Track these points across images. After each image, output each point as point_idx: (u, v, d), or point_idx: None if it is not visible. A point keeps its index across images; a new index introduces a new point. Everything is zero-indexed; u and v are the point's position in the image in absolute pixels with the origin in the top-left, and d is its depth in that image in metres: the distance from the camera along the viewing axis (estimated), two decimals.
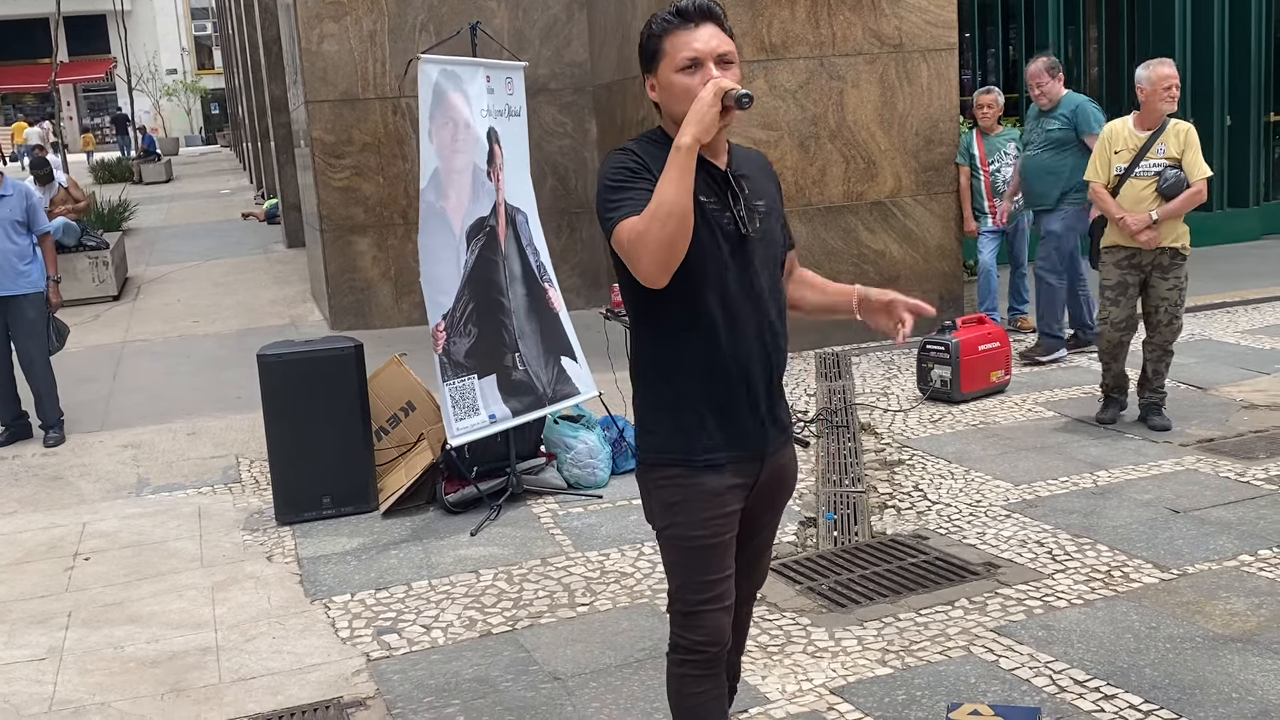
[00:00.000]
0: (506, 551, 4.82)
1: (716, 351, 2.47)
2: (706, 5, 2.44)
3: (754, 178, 2.56)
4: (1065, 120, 7.39)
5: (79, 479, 6.21)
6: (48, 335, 6.97)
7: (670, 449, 2.53)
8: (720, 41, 2.42)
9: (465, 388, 5.10)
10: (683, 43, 2.41)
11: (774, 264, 2.57)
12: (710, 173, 2.47)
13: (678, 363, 2.50)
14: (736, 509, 2.55)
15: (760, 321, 2.50)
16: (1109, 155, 5.88)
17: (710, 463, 2.50)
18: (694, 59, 2.40)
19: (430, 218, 5.03)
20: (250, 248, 15.82)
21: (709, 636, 2.55)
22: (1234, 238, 11.55)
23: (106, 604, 4.52)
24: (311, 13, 9.36)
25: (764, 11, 7.80)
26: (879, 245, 8.18)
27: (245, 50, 21.08)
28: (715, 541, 2.52)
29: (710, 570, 2.54)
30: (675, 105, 2.43)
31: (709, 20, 2.43)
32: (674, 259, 2.31)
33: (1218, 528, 4.61)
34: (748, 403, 2.51)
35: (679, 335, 2.49)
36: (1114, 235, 5.85)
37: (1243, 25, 11.48)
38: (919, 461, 5.68)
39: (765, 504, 2.66)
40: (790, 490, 2.73)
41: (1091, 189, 5.96)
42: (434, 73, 4.99)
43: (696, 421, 2.50)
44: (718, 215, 2.46)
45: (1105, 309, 5.95)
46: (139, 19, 50.08)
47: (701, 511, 2.50)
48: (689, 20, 2.43)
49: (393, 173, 9.64)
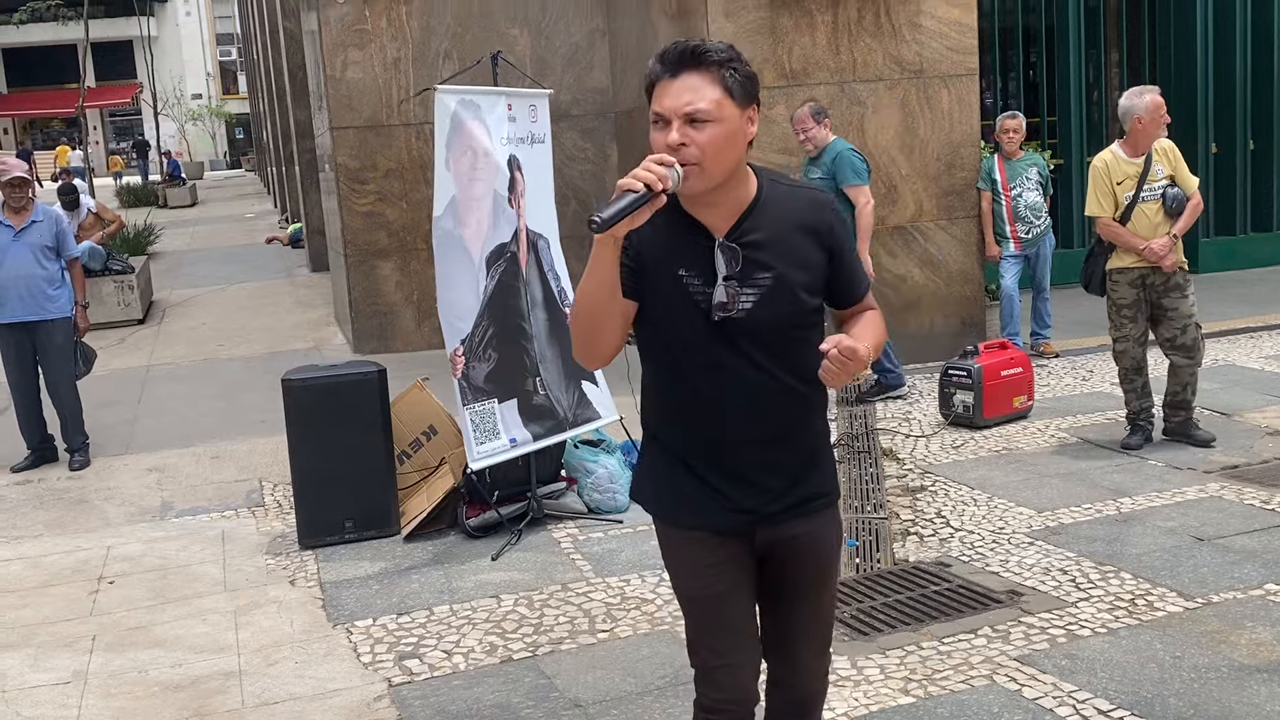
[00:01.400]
0: (527, 577, 4.82)
1: (693, 420, 2.35)
2: (692, 49, 2.19)
3: (773, 242, 2.28)
4: (826, 170, 7.00)
5: (104, 502, 6.25)
6: (75, 360, 7.04)
7: (657, 500, 2.47)
8: (694, 96, 2.16)
9: (486, 412, 5.13)
10: (657, 95, 2.21)
11: (776, 338, 2.29)
12: (697, 240, 2.27)
13: (661, 420, 2.43)
14: (732, 557, 2.38)
15: (749, 399, 2.30)
16: (1111, 187, 5.90)
17: (688, 522, 2.40)
18: (659, 115, 2.20)
19: (446, 244, 5.07)
20: (274, 272, 15.94)
21: (727, 695, 2.42)
22: (1258, 262, 11.49)
23: (130, 628, 4.55)
24: (336, 40, 9.46)
25: (784, 38, 7.83)
26: (901, 270, 8.17)
27: (270, 76, 21.30)
28: (709, 593, 2.40)
29: (712, 623, 2.41)
30: None
31: (691, 68, 2.18)
32: (595, 352, 2.27)
33: (1243, 556, 4.57)
34: (708, 486, 2.36)
35: (663, 393, 2.41)
36: (1126, 257, 5.91)
37: (1265, 47, 11.44)
38: (941, 488, 5.66)
39: (782, 577, 2.46)
40: (818, 568, 2.46)
41: (1101, 223, 5.95)
42: (451, 102, 5.04)
43: (676, 480, 2.40)
44: (698, 290, 2.26)
45: (1123, 327, 5.98)
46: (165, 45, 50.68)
47: (688, 562, 2.41)
48: (667, 68, 2.21)
49: (416, 198, 9.70)
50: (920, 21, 8.06)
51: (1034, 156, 8.51)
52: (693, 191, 2.20)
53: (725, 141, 2.18)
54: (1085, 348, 8.50)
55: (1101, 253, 6.04)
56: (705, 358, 2.30)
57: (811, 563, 2.46)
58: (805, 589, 2.47)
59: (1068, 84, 11.10)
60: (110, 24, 46.03)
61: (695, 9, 7.88)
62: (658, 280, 2.28)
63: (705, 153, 2.17)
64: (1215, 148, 11.37)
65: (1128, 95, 5.96)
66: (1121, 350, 6.04)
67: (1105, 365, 7.97)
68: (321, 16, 9.43)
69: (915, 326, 8.18)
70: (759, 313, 2.27)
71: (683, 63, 2.19)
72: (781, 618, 2.50)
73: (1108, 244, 5.98)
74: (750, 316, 2.27)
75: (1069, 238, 11.18)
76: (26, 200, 6.86)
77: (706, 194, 2.23)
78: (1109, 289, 6.02)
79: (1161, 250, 5.78)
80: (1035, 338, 8.36)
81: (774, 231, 2.28)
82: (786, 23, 7.82)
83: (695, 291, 2.27)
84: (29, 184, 6.91)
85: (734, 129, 2.20)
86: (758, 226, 2.28)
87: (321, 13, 9.42)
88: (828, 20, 7.90)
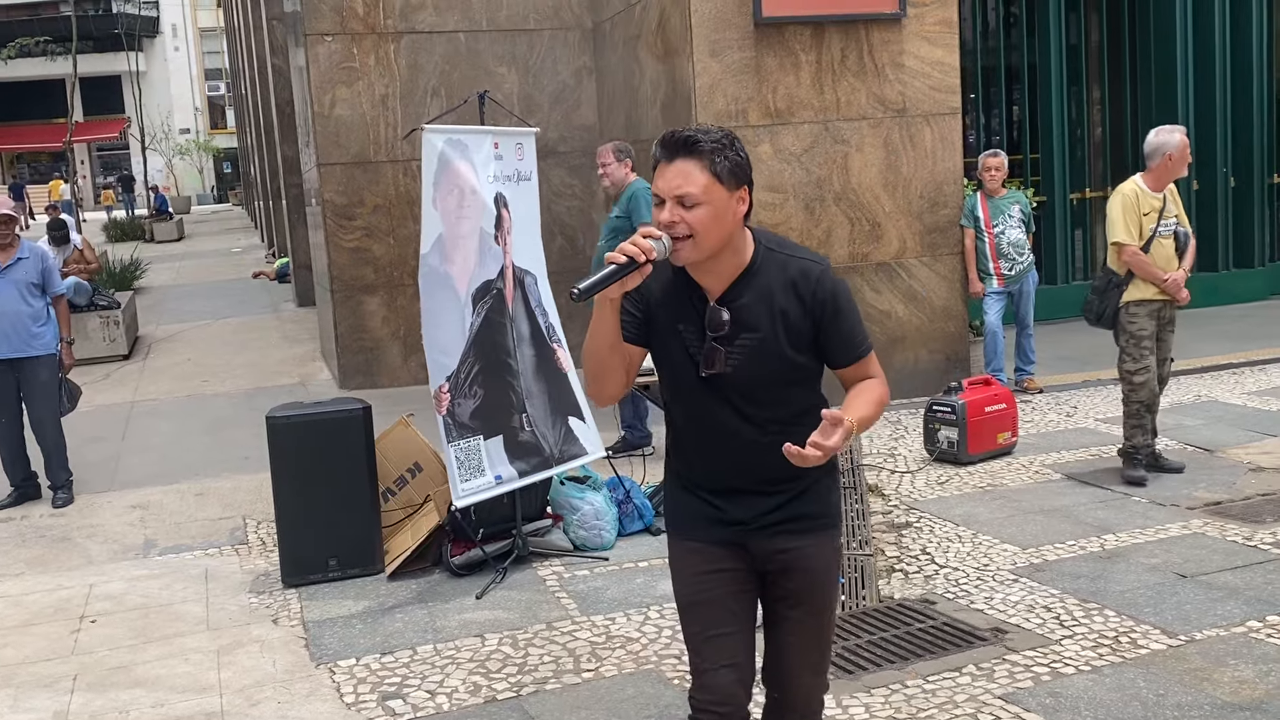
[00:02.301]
0: (512, 615, 4.81)
1: (695, 455, 2.64)
2: (684, 138, 2.40)
3: (760, 305, 2.47)
4: (623, 209, 6.83)
5: (86, 540, 6.22)
6: (60, 397, 7.02)
7: (668, 513, 2.74)
8: (684, 181, 2.38)
9: (471, 449, 5.13)
10: (656, 176, 2.45)
11: (763, 392, 2.51)
12: (694, 301, 2.52)
13: (674, 451, 2.71)
14: (727, 568, 2.60)
15: (740, 446, 2.54)
16: (1139, 217, 5.96)
17: (688, 534, 2.65)
18: (657, 195, 2.44)
19: (433, 281, 5.09)
20: (261, 307, 15.93)
21: (713, 697, 2.58)
22: (1238, 298, 11.59)
23: (112, 667, 4.52)
24: (324, 77, 9.51)
25: (769, 78, 7.91)
26: (885, 306, 8.22)
27: (258, 111, 21.37)
28: (704, 599, 2.60)
29: (703, 628, 2.60)
30: None
31: (685, 155, 2.40)
32: (602, 391, 2.57)
33: (1225, 593, 4.59)
34: (711, 507, 2.61)
35: (673, 428, 2.69)
36: (1145, 289, 5.97)
37: (1245, 86, 11.60)
38: (926, 524, 5.67)
39: (775, 592, 2.66)
40: (807, 585, 2.63)
41: (1128, 252, 5.94)
42: (439, 142, 5.07)
43: (683, 496, 2.68)
44: (693, 345, 2.52)
45: (1143, 359, 6.00)
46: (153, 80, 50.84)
47: (685, 571, 2.64)
48: (665, 153, 2.44)
49: (403, 234, 9.74)
50: (903, 61, 8.15)
51: (1016, 194, 8.58)
52: (686, 261, 2.44)
53: (713, 220, 2.40)
54: (1069, 383, 8.56)
55: (1116, 286, 6.03)
56: (700, 407, 2.56)
57: (800, 578, 2.62)
58: (794, 604, 2.64)
59: (1050, 122, 11.21)
60: (99, 59, 46.17)
61: (681, 49, 7.96)
62: (662, 332, 2.55)
63: (695, 229, 2.40)
64: (1195, 184, 11.49)
65: (1158, 132, 6.04)
66: (1142, 382, 6.02)
67: (1089, 401, 8.03)
68: (310, 53, 9.49)
69: (900, 362, 8.22)
70: (745, 370, 2.49)
71: (678, 150, 2.41)
72: (775, 634, 2.69)
73: (1124, 277, 5.99)
74: (736, 373, 2.50)
75: (1052, 274, 11.27)
76: (12, 237, 6.86)
77: (702, 263, 2.46)
78: (1126, 321, 6.01)
79: (1181, 282, 5.95)
80: (1019, 374, 8.41)
81: (762, 295, 2.48)
82: (771, 63, 7.91)
83: (690, 346, 2.52)
84: (15, 221, 6.92)
85: (721, 209, 2.41)
86: (748, 290, 2.49)
87: (310, 50, 9.48)
88: (812, 60, 7.99)
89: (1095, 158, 11.94)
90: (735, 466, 2.57)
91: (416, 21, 9.67)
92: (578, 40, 10.10)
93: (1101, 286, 6.14)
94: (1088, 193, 11.74)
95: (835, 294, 2.50)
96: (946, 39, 8.26)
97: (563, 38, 10.07)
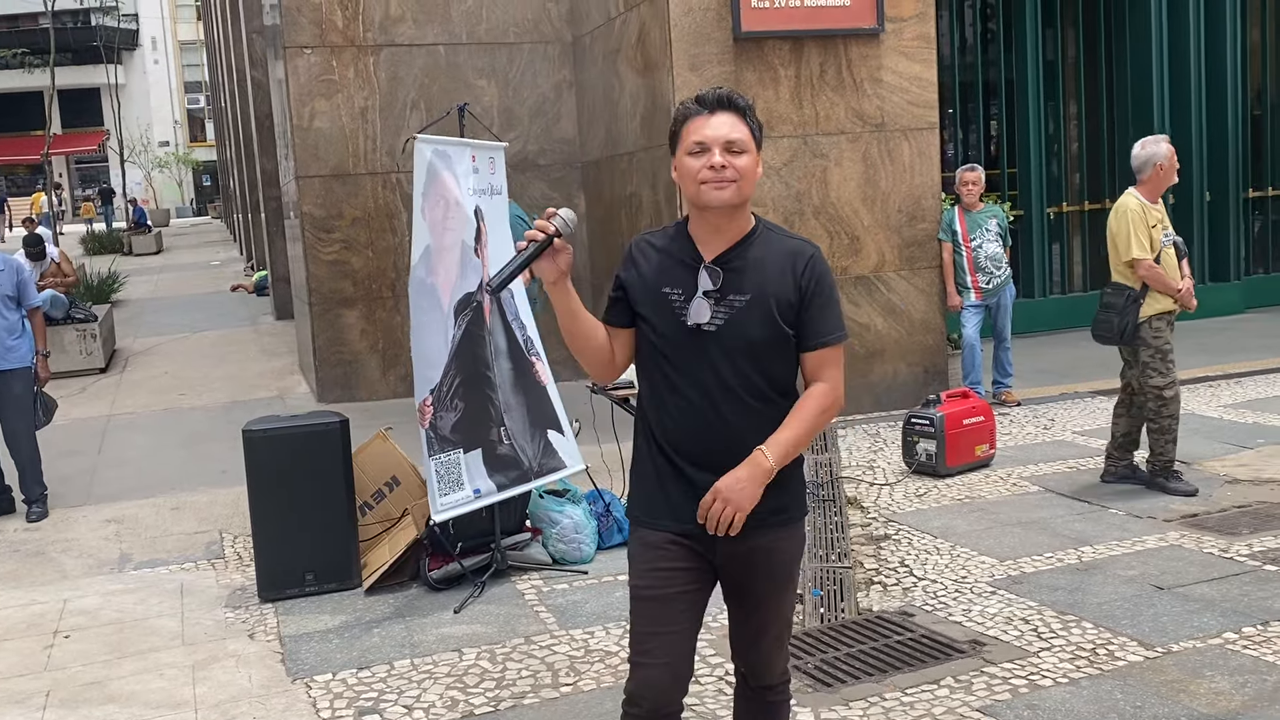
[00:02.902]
0: (490, 630, 4.79)
1: (662, 425, 2.67)
2: (726, 95, 2.61)
3: (754, 270, 2.61)
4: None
5: (61, 554, 6.16)
6: (35, 410, 6.96)
7: (632, 503, 2.78)
8: (731, 129, 2.57)
9: (451, 462, 5.11)
10: (695, 128, 2.60)
11: (746, 355, 2.60)
12: (687, 264, 2.64)
13: (643, 425, 2.75)
14: (684, 566, 2.65)
15: (710, 410, 2.60)
16: (1148, 230, 5.94)
17: (649, 523, 2.70)
18: (701, 143, 2.58)
19: (421, 294, 5.08)
20: (239, 320, 15.86)
21: (638, 689, 2.66)
22: (1216, 311, 11.66)
23: (86, 683, 4.47)
24: (304, 89, 9.49)
25: (748, 92, 7.92)
26: (864, 319, 8.24)
27: (237, 124, 21.32)
28: (656, 594, 2.65)
29: (649, 623, 2.66)
30: (685, 186, 2.62)
31: (727, 109, 2.60)
32: (595, 369, 2.70)
33: (1202, 605, 4.61)
34: (683, 479, 2.64)
35: (646, 402, 2.73)
36: (1162, 301, 5.96)
37: (1219, 101, 11.71)
38: (905, 536, 5.68)
39: (742, 585, 2.73)
40: (777, 577, 2.72)
41: (1145, 266, 5.91)
42: (428, 152, 5.07)
43: (647, 482, 2.72)
44: (679, 305, 2.62)
45: (1171, 372, 5.98)
46: (132, 92, 50.66)
47: (642, 563, 2.69)
48: (705, 108, 2.61)
49: (382, 246, 9.72)
50: (881, 76, 8.20)
51: (994, 208, 8.63)
52: (728, 203, 2.57)
53: (752, 169, 2.61)
54: (1047, 396, 8.60)
55: (1134, 300, 5.97)
56: (683, 364, 2.62)
57: (769, 574, 2.71)
58: (765, 597, 2.73)
59: (1027, 137, 11.30)
60: (78, 71, 46.00)
61: (661, 63, 7.99)
62: (647, 299, 2.66)
63: (741, 173, 2.58)
64: (1172, 198, 11.58)
65: (1145, 144, 6.04)
66: (1173, 395, 5.98)
67: (1066, 414, 8.07)
68: (289, 66, 9.47)
69: (879, 375, 8.25)
70: (730, 329, 2.60)
71: (720, 104, 2.61)
72: (744, 620, 2.78)
73: (1140, 291, 5.94)
74: (721, 331, 2.60)
75: (1029, 287, 11.34)
76: None
77: (727, 214, 2.60)
78: (1152, 335, 5.96)
79: (1192, 289, 6.01)
80: (997, 386, 8.45)
81: (757, 264, 2.63)
82: (750, 77, 7.94)
83: (678, 306, 2.62)
84: None
85: (755, 162, 2.63)
86: (745, 255, 2.64)
87: (289, 62, 9.47)
88: (790, 75, 8.02)
89: (1072, 172, 12.03)
90: (711, 430, 2.60)
91: (396, 34, 9.67)
92: (558, 54, 10.12)
93: (1119, 304, 6.01)
94: (1064, 207, 11.83)
95: (824, 276, 2.66)
96: (924, 54, 8.32)
97: (543, 51, 10.09)
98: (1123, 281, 6.03)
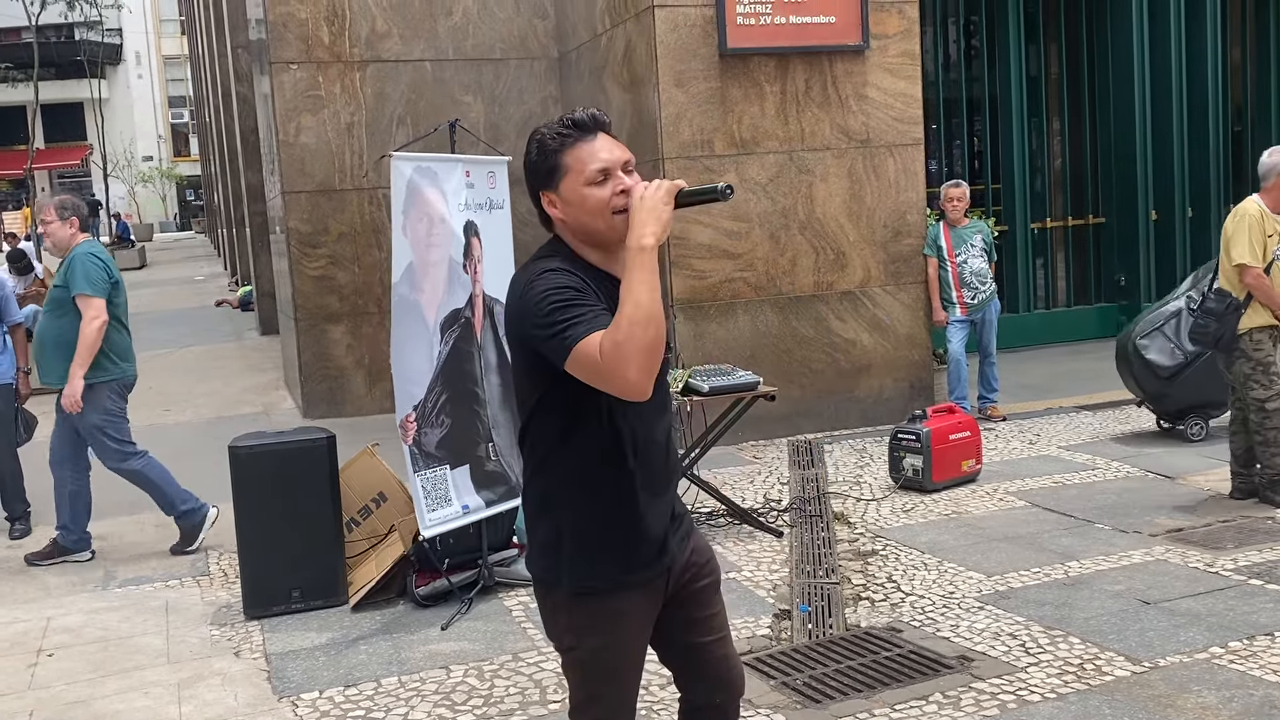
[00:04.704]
0: (477, 646, 4.77)
1: (630, 451, 2.47)
2: (597, 115, 2.42)
3: None
4: (62, 276, 6.05)
5: (44, 572, 6.12)
6: (16, 427, 6.92)
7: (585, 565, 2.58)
8: (621, 150, 2.40)
9: (437, 478, 5.10)
10: (587, 155, 2.36)
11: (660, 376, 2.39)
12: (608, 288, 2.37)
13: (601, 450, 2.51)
14: (650, 623, 2.58)
15: (656, 432, 2.51)
16: (1264, 238, 5.77)
17: (620, 584, 2.54)
18: (605, 170, 2.35)
19: (403, 310, 5.07)
20: (224, 335, 15.81)
21: None
22: None
23: (69, 702, 4.44)
24: (289, 105, 9.49)
25: (734, 108, 7.97)
26: (850, 334, 8.27)
27: (222, 139, 21.29)
28: (628, 663, 2.58)
29: (623, 688, 2.58)
30: (588, 219, 2.38)
31: (602, 129, 2.41)
32: (657, 365, 2.24)
33: (1188, 619, 4.63)
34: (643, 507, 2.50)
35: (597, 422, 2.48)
36: (1264, 314, 5.81)
37: (1200, 117, 11.80)
38: (892, 552, 5.69)
39: (695, 598, 2.66)
40: (716, 580, 2.69)
41: (1253, 274, 5.74)
42: (407, 169, 5.06)
43: (605, 533, 2.53)
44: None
45: (1274, 385, 5.84)
46: (116, 107, 50.56)
47: (618, 634, 2.56)
48: (586, 131, 2.39)
49: (368, 262, 9.71)
50: (866, 93, 8.24)
51: (978, 224, 8.68)
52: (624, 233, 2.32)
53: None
54: (1032, 411, 8.63)
55: (1235, 309, 5.82)
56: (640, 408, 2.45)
57: (709, 574, 2.64)
58: (711, 602, 2.65)
59: (1011, 152, 11.36)
60: (61, 85, 45.91)
61: (646, 79, 8.01)
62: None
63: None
64: (1154, 214, 11.66)
65: (1273, 153, 5.83)
66: (1276, 408, 5.84)
67: (1051, 429, 8.10)
68: (275, 81, 9.47)
69: (865, 390, 8.27)
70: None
71: (599, 125, 2.41)
72: (702, 639, 2.64)
73: (1243, 300, 5.80)
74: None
75: (1014, 303, 11.39)
76: None
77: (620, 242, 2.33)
78: (1252, 348, 5.84)
79: None
80: (983, 401, 8.47)
81: None
82: (736, 93, 7.97)
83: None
84: None
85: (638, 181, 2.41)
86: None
87: (275, 78, 9.46)
88: (776, 91, 8.06)
89: (1055, 188, 12.10)
90: (663, 464, 2.51)
91: (382, 50, 9.68)
92: (544, 70, 10.14)
93: (1219, 310, 5.86)
94: (1048, 222, 11.89)
95: None
96: (909, 71, 8.37)
97: (529, 67, 10.11)
98: (1228, 288, 5.88)
